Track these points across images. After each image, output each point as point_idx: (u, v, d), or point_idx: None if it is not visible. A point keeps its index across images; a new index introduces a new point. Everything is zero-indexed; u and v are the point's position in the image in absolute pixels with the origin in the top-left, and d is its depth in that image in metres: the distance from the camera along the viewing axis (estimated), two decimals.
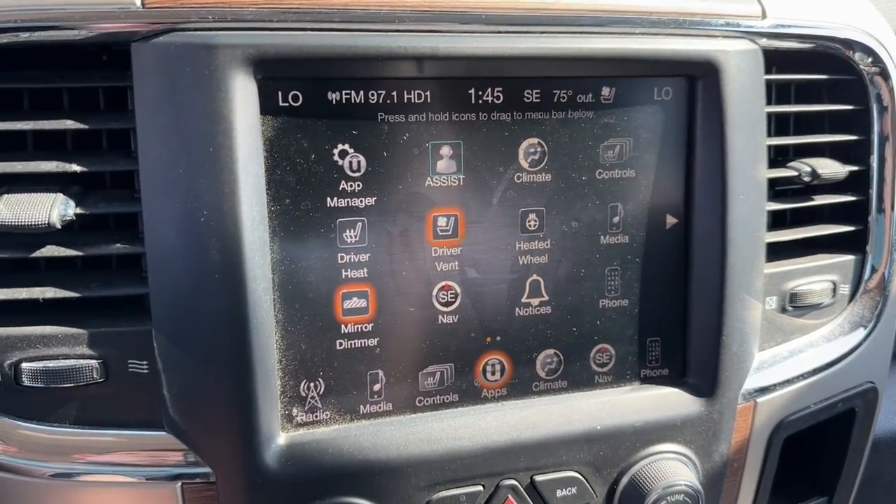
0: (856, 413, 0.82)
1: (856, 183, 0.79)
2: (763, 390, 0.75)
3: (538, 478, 0.67)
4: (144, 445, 0.60)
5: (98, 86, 0.60)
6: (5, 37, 0.56)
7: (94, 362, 0.58)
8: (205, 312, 0.57)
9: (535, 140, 0.65)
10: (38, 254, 0.58)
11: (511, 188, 0.65)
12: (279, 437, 0.61)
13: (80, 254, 0.58)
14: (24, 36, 0.56)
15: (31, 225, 0.56)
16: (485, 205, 0.65)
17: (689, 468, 0.70)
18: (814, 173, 0.75)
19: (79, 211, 0.57)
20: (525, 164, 0.65)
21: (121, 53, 0.58)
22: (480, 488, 0.65)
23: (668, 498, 0.67)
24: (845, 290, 0.80)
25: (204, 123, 0.55)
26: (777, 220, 0.78)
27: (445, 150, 0.63)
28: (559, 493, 0.68)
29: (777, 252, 0.76)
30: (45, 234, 0.57)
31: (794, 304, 0.77)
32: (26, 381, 0.58)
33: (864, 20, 0.76)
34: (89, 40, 0.57)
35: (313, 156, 0.60)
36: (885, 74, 0.77)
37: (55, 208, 0.56)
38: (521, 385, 0.69)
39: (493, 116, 0.64)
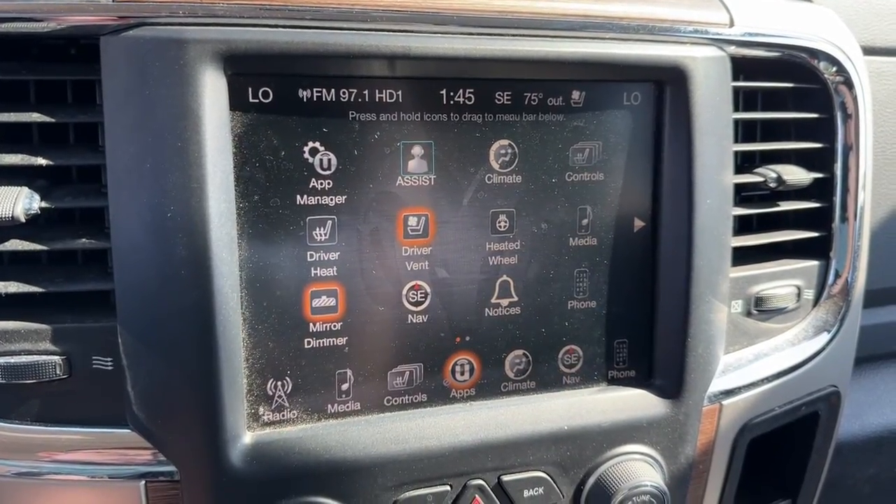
0: (819, 416, 0.84)
1: (820, 190, 0.81)
2: (728, 393, 0.76)
3: (505, 478, 0.67)
4: (108, 443, 0.59)
5: (66, 79, 0.59)
6: None
7: (57, 358, 0.57)
8: (170, 309, 0.57)
9: (505, 142, 0.65)
10: (1, 248, 0.57)
11: (482, 189, 0.65)
12: (245, 436, 0.60)
13: (44, 248, 0.57)
14: None
15: None
16: (455, 205, 0.65)
17: (655, 469, 0.71)
18: (779, 179, 0.76)
19: (44, 205, 0.57)
20: (496, 166, 0.66)
21: (90, 46, 0.57)
22: (448, 488, 0.65)
23: (634, 498, 0.68)
24: (809, 294, 0.81)
25: (172, 118, 0.55)
26: (743, 225, 0.79)
27: (416, 150, 0.63)
28: (526, 493, 0.68)
29: (743, 256, 0.77)
30: (9, 227, 0.57)
31: (760, 308, 0.78)
32: None
33: (830, 31, 0.78)
34: (58, 33, 0.56)
35: (283, 153, 0.60)
36: (849, 84, 0.79)
37: (20, 202, 0.55)
38: (490, 385, 0.69)
39: (465, 117, 0.64)
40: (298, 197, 0.61)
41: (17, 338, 0.57)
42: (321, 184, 0.61)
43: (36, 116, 0.57)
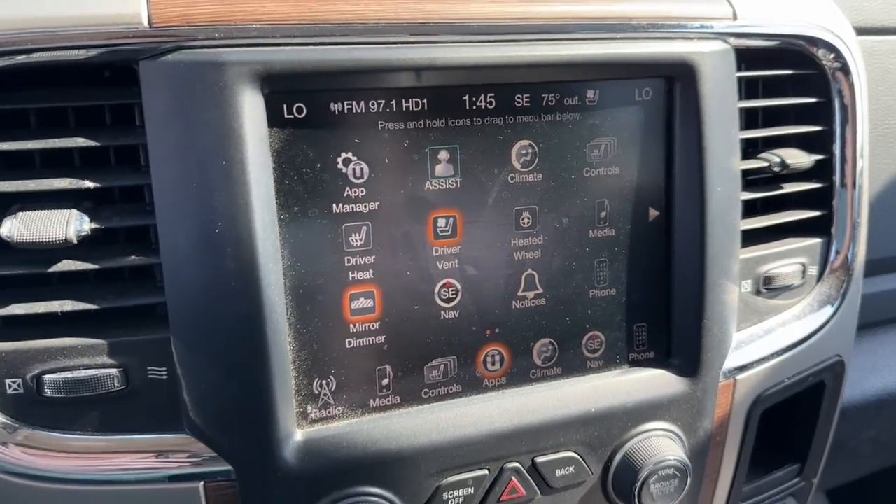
0: (825, 385, 0.88)
1: (820, 171, 0.85)
2: (741, 368, 0.80)
3: (539, 459, 0.71)
4: (166, 448, 0.62)
5: (105, 104, 0.61)
6: (9, 59, 0.57)
7: (114, 371, 0.60)
8: (222, 318, 0.60)
9: (526, 142, 0.68)
10: (55, 269, 0.59)
11: (505, 188, 0.69)
12: (296, 434, 0.64)
13: (97, 267, 0.60)
14: (29, 57, 0.58)
15: (49, 241, 0.57)
16: (481, 205, 0.68)
17: (677, 444, 0.75)
18: (783, 163, 0.80)
19: (94, 226, 0.59)
20: (517, 165, 0.69)
21: (124, 69, 0.60)
22: (486, 472, 0.69)
23: (660, 472, 0.72)
24: (813, 270, 0.85)
25: (216, 138, 0.58)
26: (748, 209, 0.83)
27: (443, 155, 0.66)
28: (558, 473, 0.72)
29: (749, 238, 0.81)
30: (61, 249, 0.59)
31: (768, 287, 0.82)
32: (48, 392, 0.60)
33: (826, 17, 0.81)
34: (95, 60, 0.58)
35: (319, 165, 0.63)
36: (845, 70, 0.82)
37: (71, 224, 0.58)
38: (520, 374, 0.72)
39: (487, 121, 0.67)
40: (334, 205, 0.64)
41: (75, 353, 0.60)
42: (355, 192, 0.64)
43: (81, 141, 0.59)
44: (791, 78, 0.83)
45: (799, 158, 0.81)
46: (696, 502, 0.83)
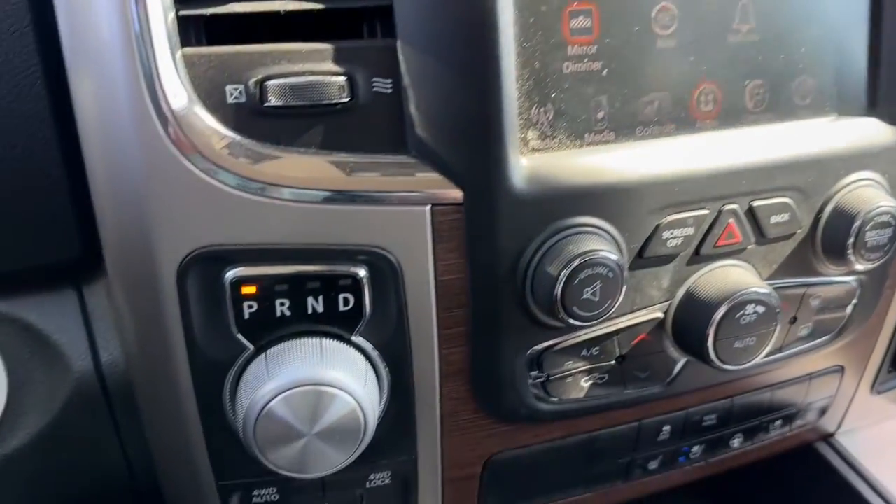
0: None
1: None
2: None
3: (755, 203, 0.67)
4: (392, 169, 0.58)
5: None
6: None
7: (340, 79, 0.56)
8: (454, 19, 0.55)
9: None
10: None
11: None
12: (521, 160, 0.60)
13: None
14: None
15: None
16: None
17: (888, 193, 0.71)
18: None
19: None
20: None
21: None
22: (706, 212, 0.66)
23: (875, 219, 0.69)
24: None
25: None
26: None
27: None
28: (773, 220, 0.69)
29: None
30: None
31: None
32: (272, 100, 0.55)
33: None
34: None
35: None
36: None
37: None
38: (732, 116, 0.68)
39: None
40: None
41: (299, 58, 0.56)
42: None
43: None
44: None
45: None
46: (875, 305, 0.80)
